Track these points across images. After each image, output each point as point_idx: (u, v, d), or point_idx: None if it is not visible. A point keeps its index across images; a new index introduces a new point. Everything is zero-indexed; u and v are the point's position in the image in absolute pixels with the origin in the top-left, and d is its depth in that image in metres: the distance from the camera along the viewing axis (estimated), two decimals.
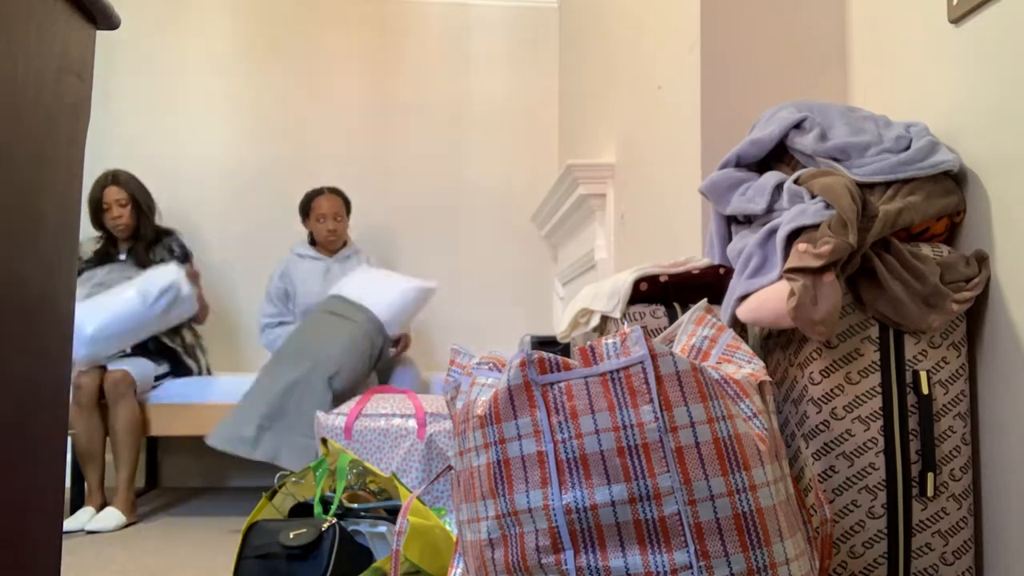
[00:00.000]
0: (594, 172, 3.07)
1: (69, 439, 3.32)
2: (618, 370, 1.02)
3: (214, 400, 3.29)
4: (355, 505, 1.81)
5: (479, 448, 1.07)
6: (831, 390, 1.34)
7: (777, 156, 1.61)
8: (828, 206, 1.37)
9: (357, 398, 2.57)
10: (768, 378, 1.14)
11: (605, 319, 1.73)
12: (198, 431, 3.26)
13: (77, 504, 3.19)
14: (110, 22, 1.04)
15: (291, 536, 1.68)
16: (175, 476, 4.04)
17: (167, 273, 3.22)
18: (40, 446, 0.93)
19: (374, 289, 3.29)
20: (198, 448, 4.05)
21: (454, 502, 1.18)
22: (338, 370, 3.00)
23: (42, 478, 0.94)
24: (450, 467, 1.17)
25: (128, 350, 3.37)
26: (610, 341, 1.05)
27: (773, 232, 1.43)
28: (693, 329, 1.22)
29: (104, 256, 3.50)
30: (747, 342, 1.57)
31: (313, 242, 3.76)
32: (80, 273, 3.42)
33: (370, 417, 2.46)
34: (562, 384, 1.04)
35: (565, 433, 1.02)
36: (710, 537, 0.97)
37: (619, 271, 2.61)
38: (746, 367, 1.14)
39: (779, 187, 1.49)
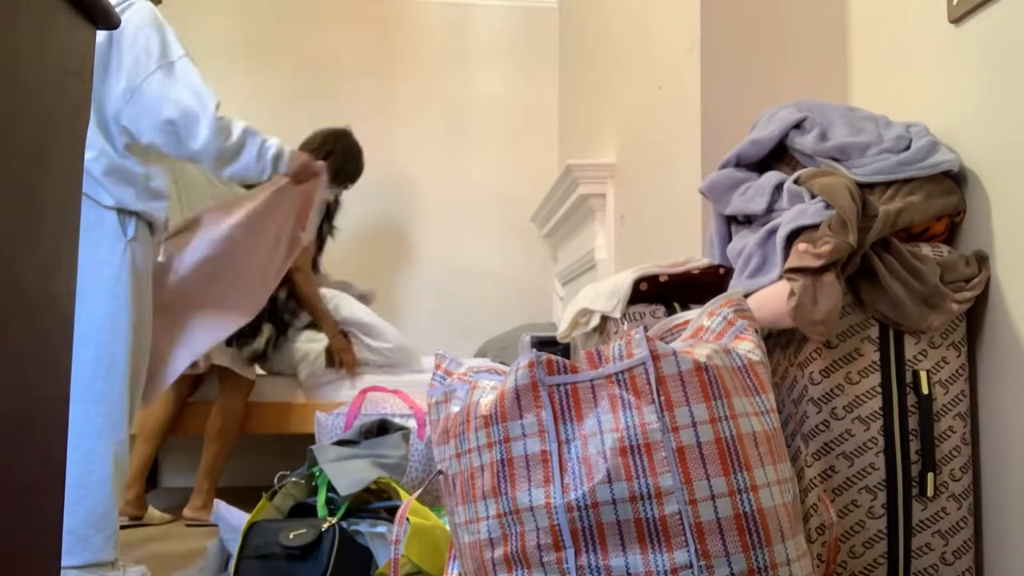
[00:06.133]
0: (594, 172, 3.07)
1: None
2: (623, 371, 1.02)
3: (213, 398, 3.28)
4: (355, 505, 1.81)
5: (482, 448, 1.07)
6: (831, 390, 1.34)
7: (777, 156, 1.61)
8: (828, 206, 1.36)
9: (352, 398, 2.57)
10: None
11: (605, 319, 1.73)
12: (199, 430, 3.25)
13: None
14: (110, 22, 1.04)
15: (291, 536, 1.68)
16: (175, 476, 4.04)
17: None
18: (40, 446, 0.93)
19: None
20: (198, 448, 4.05)
21: (447, 505, 1.17)
22: None
23: (42, 478, 0.94)
24: (439, 472, 1.17)
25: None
26: (616, 344, 1.05)
27: (773, 232, 1.43)
28: (707, 318, 1.22)
29: None
30: None
31: None
32: None
33: (369, 417, 2.45)
34: (568, 386, 1.04)
35: (569, 433, 1.02)
36: (711, 537, 0.97)
37: (619, 271, 2.61)
38: (758, 351, 1.13)
39: (779, 187, 1.49)
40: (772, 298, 1.35)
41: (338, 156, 3.36)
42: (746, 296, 1.42)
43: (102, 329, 2.10)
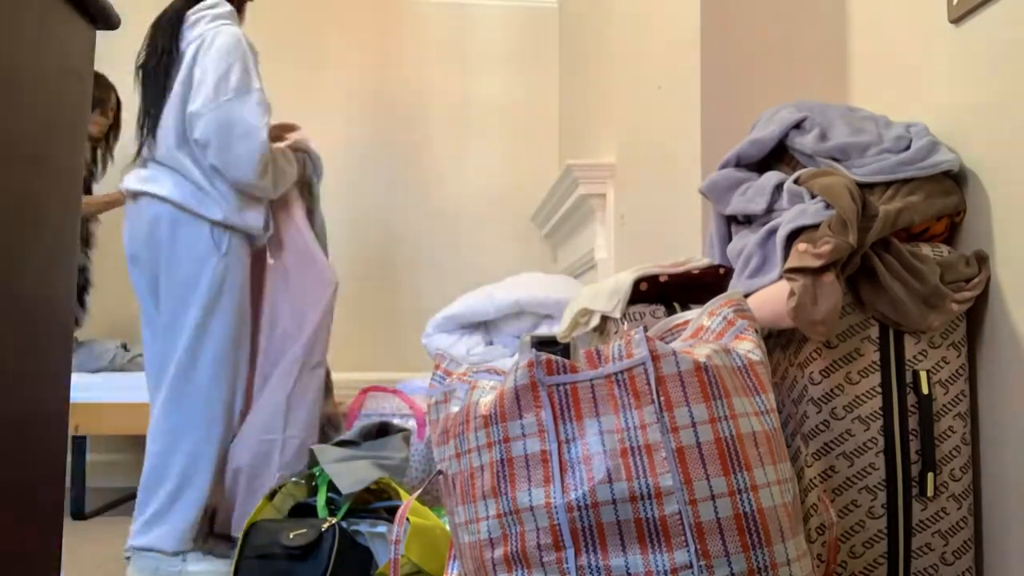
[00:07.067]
0: (594, 172, 3.07)
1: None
2: (622, 371, 1.02)
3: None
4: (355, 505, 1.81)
5: (482, 448, 1.07)
6: (831, 390, 1.34)
7: (777, 156, 1.61)
8: (828, 206, 1.36)
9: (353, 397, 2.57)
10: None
11: (605, 319, 1.73)
12: None
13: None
14: (110, 22, 1.04)
15: (291, 536, 1.68)
16: None
17: None
18: (40, 446, 0.93)
19: None
20: None
21: (447, 506, 1.17)
22: None
23: (42, 478, 0.94)
24: (439, 472, 1.17)
25: None
26: (616, 344, 1.05)
27: (773, 232, 1.43)
28: (707, 318, 1.22)
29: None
30: None
31: None
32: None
33: (370, 418, 2.45)
34: (567, 386, 1.04)
35: (569, 433, 1.02)
36: (711, 537, 0.97)
37: (619, 271, 2.61)
38: (758, 351, 1.13)
39: (779, 187, 1.49)
40: (772, 298, 1.35)
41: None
42: (746, 296, 1.42)
43: (190, 336, 2.30)
